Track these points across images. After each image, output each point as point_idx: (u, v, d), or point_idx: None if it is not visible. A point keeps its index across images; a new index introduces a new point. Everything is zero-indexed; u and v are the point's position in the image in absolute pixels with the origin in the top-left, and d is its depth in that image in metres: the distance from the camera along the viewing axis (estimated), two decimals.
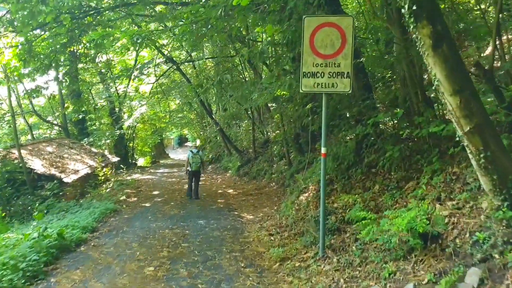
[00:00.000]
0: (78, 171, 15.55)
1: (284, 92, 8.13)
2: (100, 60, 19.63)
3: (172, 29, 9.68)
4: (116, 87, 25.81)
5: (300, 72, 5.15)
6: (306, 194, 7.84)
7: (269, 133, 18.16)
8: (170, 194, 12.51)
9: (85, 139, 20.66)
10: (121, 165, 20.18)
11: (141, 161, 35.33)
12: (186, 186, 12.43)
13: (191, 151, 11.62)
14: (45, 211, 10.37)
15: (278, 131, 16.63)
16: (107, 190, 14.84)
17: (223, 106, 23.29)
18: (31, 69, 12.11)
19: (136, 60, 26.95)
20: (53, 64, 12.58)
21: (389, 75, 7.69)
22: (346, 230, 5.45)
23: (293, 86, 7.62)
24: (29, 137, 20.84)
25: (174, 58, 18.11)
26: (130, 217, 8.70)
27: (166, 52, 17.01)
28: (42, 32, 11.86)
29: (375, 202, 5.56)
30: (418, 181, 5.18)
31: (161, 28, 11.39)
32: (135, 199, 11.97)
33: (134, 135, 28.71)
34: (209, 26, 7.43)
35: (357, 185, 6.34)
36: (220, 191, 13.38)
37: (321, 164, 5.21)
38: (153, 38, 9.56)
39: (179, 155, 43.44)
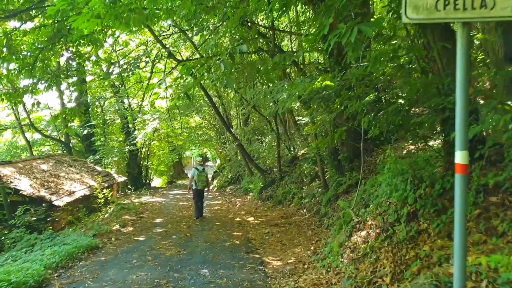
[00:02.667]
0: (73, 192, 13.27)
1: (328, 82, 5.57)
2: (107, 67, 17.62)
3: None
4: (129, 101, 23.97)
5: None
6: (364, 233, 5.15)
7: (296, 149, 15.55)
8: (175, 224, 9.98)
9: (90, 156, 18.58)
10: (128, 186, 17.91)
11: (156, 182, 33.19)
12: None
13: (196, 168, 10.74)
14: (11, 245, 8.02)
15: (310, 145, 14.03)
16: (106, 215, 12.50)
17: (244, 115, 20.90)
18: (13, 69, 10.10)
19: (151, 72, 25.29)
20: (40, 64, 10.51)
21: None
22: None
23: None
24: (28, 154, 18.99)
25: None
26: (108, 260, 6.18)
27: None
28: (24, 24, 9.90)
29: None
30: None
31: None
32: (131, 229, 9.51)
33: (148, 153, 26.62)
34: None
35: (470, 226, 3.61)
36: (237, 219, 10.77)
37: (455, 187, 2.41)
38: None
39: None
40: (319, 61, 13.14)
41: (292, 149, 15.65)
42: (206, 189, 10.89)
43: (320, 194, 10.50)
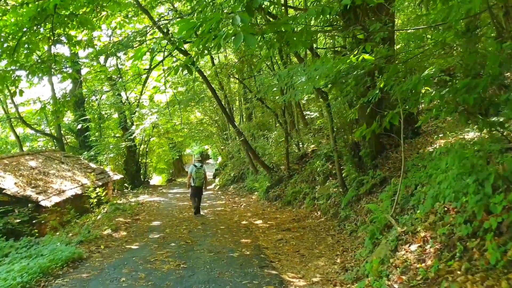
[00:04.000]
0: (63, 191, 12.14)
1: (367, 56, 4.39)
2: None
3: None
4: (127, 95, 22.80)
5: None
6: (415, 248, 4.00)
7: (305, 146, 14.38)
8: (174, 228, 8.84)
9: (85, 152, 17.40)
10: (125, 184, 16.76)
11: (156, 180, 32.05)
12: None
13: (194, 165, 10.88)
14: None
15: (317, 140, 12.82)
16: (98, 217, 11.36)
17: (248, 109, 19.69)
18: None
19: (150, 64, 24.07)
20: (22, 49, 9.34)
21: None
22: None
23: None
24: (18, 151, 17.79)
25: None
26: (91, 277, 5.02)
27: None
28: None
29: None
30: None
31: None
32: (124, 234, 8.36)
33: (147, 150, 25.45)
34: None
35: None
36: (244, 222, 9.62)
37: None
38: None
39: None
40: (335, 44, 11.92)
41: (300, 146, 14.48)
42: (204, 186, 10.91)
43: (337, 194, 9.35)
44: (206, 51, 3.84)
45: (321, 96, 9.58)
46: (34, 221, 10.12)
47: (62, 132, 20.36)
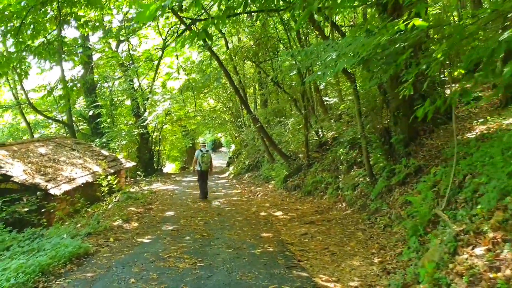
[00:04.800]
0: (74, 179, 11.67)
1: (420, 21, 3.62)
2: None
3: None
4: (139, 81, 22.25)
5: None
6: (483, 252, 3.28)
7: (326, 133, 13.60)
8: (188, 219, 8.25)
9: (97, 139, 16.94)
10: (138, 172, 16.28)
11: (169, 167, 31.66)
12: (214, 203, 10.41)
13: (200, 150, 11.26)
14: None
15: (344, 126, 11.96)
16: (109, 206, 10.88)
17: (263, 95, 18.89)
18: None
19: (163, 51, 23.43)
20: (27, 28, 8.77)
21: None
22: None
23: None
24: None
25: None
26: (96, 278, 4.42)
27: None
28: None
29: None
30: None
31: None
32: (135, 225, 7.80)
33: (160, 137, 24.97)
34: None
35: None
36: (263, 213, 8.98)
37: None
38: None
39: (213, 160, 39.47)
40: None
41: (320, 133, 13.70)
42: (209, 170, 11.24)
43: (364, 184, 8.62)
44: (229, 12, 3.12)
45: (348, 77, 8.79)
46: (42, 210, 9.68)
47: (74, 119, 19.98)
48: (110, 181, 11.67)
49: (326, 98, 16.07)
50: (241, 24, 13.31)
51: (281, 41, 12.61)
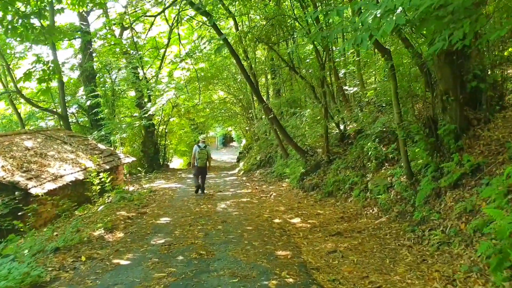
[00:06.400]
0: (62, 176, 10.27)
1: None
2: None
3: None
4: (144, 71, 20.83)
5: None
6: None
7: (348, 125, 11.94)
8: (186, 228, 6.73)
9: (95, 132, 15.54)
10: (138, 168, 14.85)
11: (176, 163, 30.29)
12: (219, 207, 9.02)
13: (198, 145, 10.92)
14: None
15: (368, 118, 10.21)
16: (99, 209, 9.45)
17: (276, 85, 17.21)
18: None
19: (169, 38, 21.96)
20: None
21: None
22: None
23: None
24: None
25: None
26: None
27: None
28: None
29: None
30: None
31: None
32: (119, 236, 6.32)
33: (166, 131, 23.57)
34: None
35: None
36: (277, 220, 7.42)
37: None
38: None
39: (222, 156, 38.03)
40: None
41: (341, 125, 12.04)
42: (207, 165, 10.90)
43: (402, 186, 6.99)
44: None
45: (383, 53, 7.12)
46: (19, 214, 8.28)
47: (74, 110, 18.68)
48: (103, 179, 10.23)
49: (346, 87, 14.40)
50: (252, 1, 11.68)
51: (298, 19, 10.94)
